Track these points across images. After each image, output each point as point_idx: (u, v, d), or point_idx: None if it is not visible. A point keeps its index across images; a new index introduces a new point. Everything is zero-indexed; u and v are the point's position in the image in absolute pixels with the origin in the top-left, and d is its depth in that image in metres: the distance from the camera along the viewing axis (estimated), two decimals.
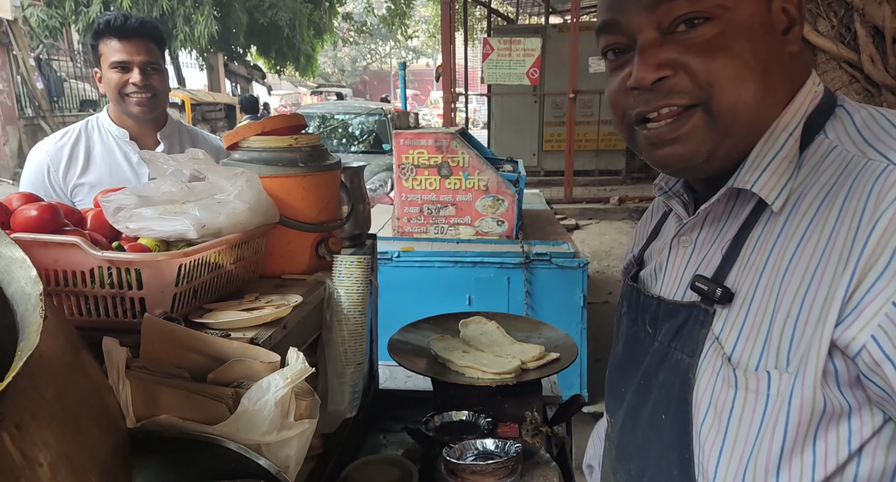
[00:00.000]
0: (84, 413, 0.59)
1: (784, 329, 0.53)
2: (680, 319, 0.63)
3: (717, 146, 0.58)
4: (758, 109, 0.57)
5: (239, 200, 0.92)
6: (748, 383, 0.55)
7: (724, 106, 0.56)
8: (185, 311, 0.83)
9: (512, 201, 2.70)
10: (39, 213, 0.77)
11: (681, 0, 0.56)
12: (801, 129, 0.58)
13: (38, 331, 0.51)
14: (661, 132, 0.59)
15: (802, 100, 0.59)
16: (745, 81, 0.55)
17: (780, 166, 0.57)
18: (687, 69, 0.56)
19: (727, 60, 0.55)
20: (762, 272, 0.56)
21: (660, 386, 0.64)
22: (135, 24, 1.58)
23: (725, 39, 0.55)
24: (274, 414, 0.70)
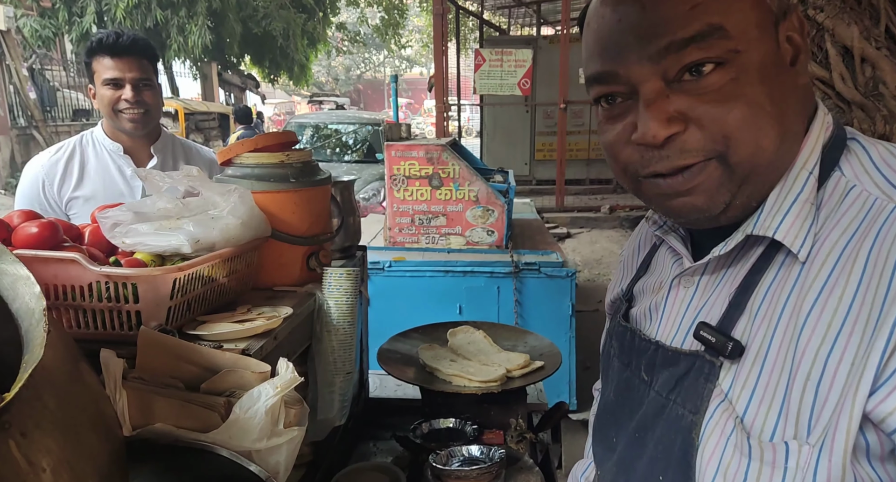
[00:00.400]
0: (83, 421, 0.63)
1: (804, 393, 0.48)
2: (681, 369, 0.58)
3: (735, 196, 0.54)
4: (776, 154, 0.53)
5: (232, 216, 0.96)
6: (763, 454, 0.50)
7: (742, 157, 0.52)
8: (180, 324, 0.87)
9: (501, 211, 2.75)
10: (40, 230, 0.80)
11: (690, 48, 0.50)
12: (820, 167, 0.54)
13: (42, 345, 0.54)
14: (674, 183, 0.54)
15: (818, 133, 0.55)
16: (763, 129, 0.51)
17: (803, 209, 0.52)
18: (699, 123, 0.52)
19: (743, 110, 0.50)
20: (776, 324, 0.51)
21: (657, 442, 0.58)
22: (127, 42, 1.62)
23: (739, 86, 0.50)
24: (264, 421, 0.73)
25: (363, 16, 15.65)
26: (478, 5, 9.61)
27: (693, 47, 0.51)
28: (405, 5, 15.43)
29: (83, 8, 10.74)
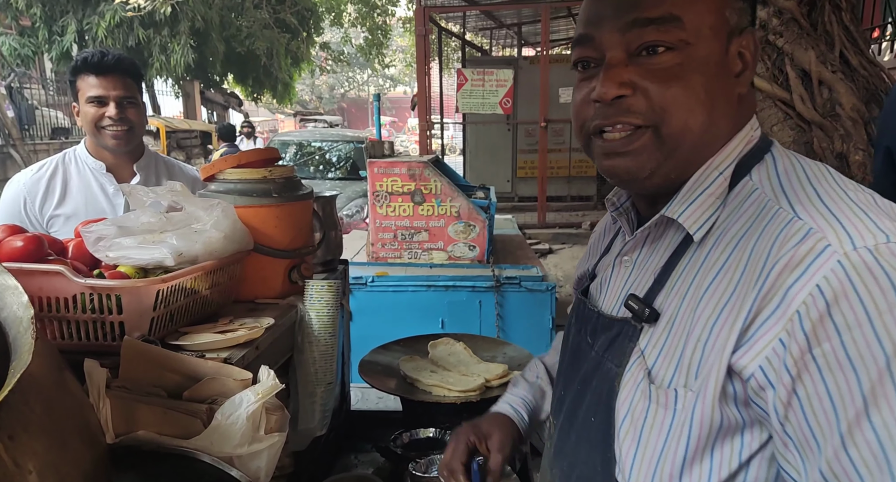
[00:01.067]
0: (68, 427, 0.64)
1: (694, 352, 0.59)
2: (613, 333, 0.70)
3: (660, 165, 0.64)
4: (700, 139, 0.62)
5: (215, 229, 0.99)
6: (659, 398, 0.61)
7: (671, 130, 0.62)
8: (162, 334, 0.89)
9: (483, 227, 2.79)
10: (25, 243, 0.82)
11: (650, 28, 0.61)
12: (733, 170, 0.63)
13: (30, 351, 0.56)
14: (614, 144, 0.64)
15: (738, 142, 0.64)
16: (693, 112, 0.61)
17: (706, 201, 0.63)
18: (645, 92, 0.61)
19: (680, 90, 0.60)
20: (684, 297, 0.62)
21: (592, 391, 0.70)
22: (111, 61, 1.64)
23: (682, 70, 0.60)
24: (246, 427, 0.75)
25: (347, 35, 15.83)
26: (460, 26, 9.80)
27: (653, 28, 0.61)
28: (388, 26, 15.66)
29: (63, 27, 10.72)
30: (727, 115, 0.63)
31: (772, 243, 0.55)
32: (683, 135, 0.62)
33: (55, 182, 1.72)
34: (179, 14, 10.72)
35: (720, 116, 0.63)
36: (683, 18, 0.60)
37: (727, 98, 0.63)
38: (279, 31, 13.12)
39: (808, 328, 0.51)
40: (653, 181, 0.65)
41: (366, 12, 14.78)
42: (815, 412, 0.51)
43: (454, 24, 9.98)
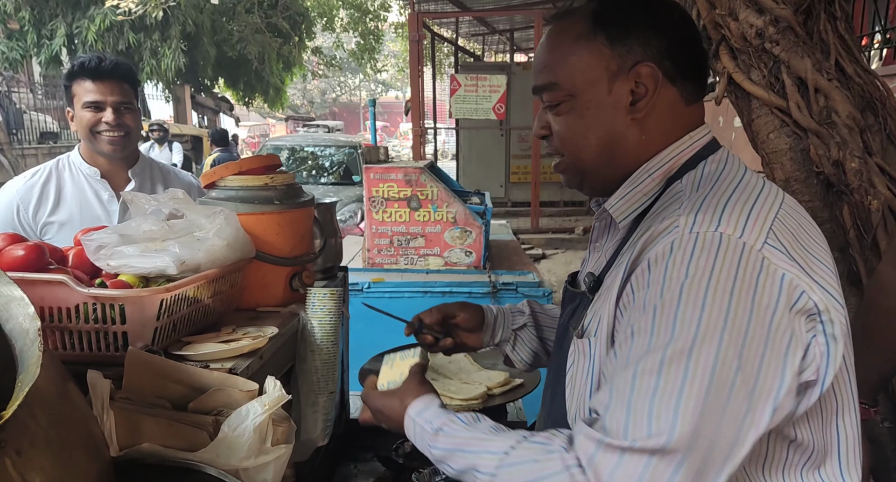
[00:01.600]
0: (73, 440, 0.63)
1: (601, 309, 0.75)
2: (576, 303, 0.86)
3: (582, 182, 0.83)
4: (598, 162, 0.79)
5: (217, 237, 0.98)
6: (581, 347, 0.78)
7: (570, 162, 0.81)
8: (165, 344, 0.88)
9: (479, 233, 2.79)
10: (26, 252, 0.81)
11: (543, 93, 0.81)
12: (664, 172, 0.77)
13: (38, 364, 0.55)
14: (557, 166, 0.84)
15: (670, 151, 0.77)
16: (581, 147, 0.79)
17: (633, 197, 0.78)
18: (555, 132, 0.81)
19: (569, 132, 0.79)
20: (615, 272, 0.76)
21: (559, 351, 0.87)
22: (109, 66, 1.63)
23: (571, 117, 0.78)
24: (252, 439, 0.74)
25: (339, 40, 15.82)
26: (452, 32, 9.83)
27: (543, 92, 0.81)
28: (381, 31, 15.68)
29: (53, 30, 10.63)
30: (639, 135, 0.77)
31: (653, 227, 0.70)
32: (579, 164, 0.80)
33: (49, 189, 1.70)
34: (171, 18, 10.67)
35: (620, 141, 0.77)
36: (559, 82, 0.78)
37: (625, 124, 0.77)
38: (271, 36, 13.09)
39: (634, 281, 0.68)
40: (588, 190, 0.85)
41: (358, 17, 14.78)
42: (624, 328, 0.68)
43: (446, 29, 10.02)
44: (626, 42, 0.75)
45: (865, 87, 1.47)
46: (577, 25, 0.77)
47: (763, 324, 0.61)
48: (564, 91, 0.77)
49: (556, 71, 0.78)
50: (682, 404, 0.58)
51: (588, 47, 0.76)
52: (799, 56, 1.48)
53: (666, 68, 0.75)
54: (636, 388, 0.61)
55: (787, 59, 1.49)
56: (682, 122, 0.78)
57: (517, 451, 0.67)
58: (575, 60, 0.76)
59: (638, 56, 0.75)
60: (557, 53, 0.78)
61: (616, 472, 0.59)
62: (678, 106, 0.77)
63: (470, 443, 0.72)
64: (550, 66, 0.79)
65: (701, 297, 0.61)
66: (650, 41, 0.75)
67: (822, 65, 1.48)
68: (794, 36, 1.48)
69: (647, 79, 0.74)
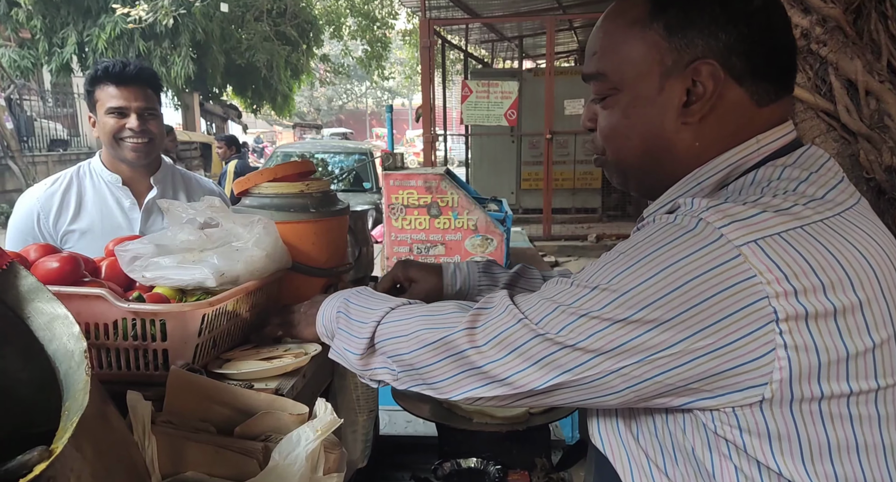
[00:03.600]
0: (118, 471, 0.58)
1: None
2: None
3: (626, 181, 0.75)
4: (641, 166, 0.71)
5: (257, 247, 0.93)
6: None
7: (611, 157, 0.73)
8: (205, 362, 0.82)
9: (500, 240, 2.73)
10: (61, 264, 0.76)
11: (591, 82, 0.73)
12: (720, 181, 0.67)
13: (87, 391, 0.50)
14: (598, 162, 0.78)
15: (729, 157, 0.67)
16: (622, 145, 0.71)
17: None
18: (598, 126, 0.74)
19: (611, 128, 0.71)
20: None
21: None
22: (133, 71, 1.59)
23: (615, 112, 0.70)
24: (304, 468, 0.69)
25: (346, 48, 15.86)
26: (461, 38, 9.83)
27: (592, 82, 0.73)
28: (388, 38, 15.71)
29: (63, 39, 10.68)
30: (691, 140, 0.68)
31: None
32: (619, 163, 0.73)
33: (69, 196, 1.66)
34: (181, 26, 10.71)
35: (667, 144, 0.68)
36: (607, 73, 0.70)
37: (675, 126, 0.67)
38: (279, 44, 13.13)
39: None
40: (632, 190, 0.77)
41: (366, 25, 14.82)
42: None
43: (455, 36, 10.02)
44: (687, 34, 0.65)
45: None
46: (635, 9, 0.67)
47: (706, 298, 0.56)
48: (611, 83, 0.69)
49: (605, 60, 0.70)
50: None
51: (642, 36, 0.66)
52: (848, 57, 1.42)
53: (733, 66, 0.64)
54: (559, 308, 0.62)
55: (835, 61, 1.43)
56: (751, 126, 0.67)
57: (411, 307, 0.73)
58: (626, 50, 0.68)
59: (698, 51, 0.65)
60: (609, 40, 0.69)
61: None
62: (746, 108, 0.66)
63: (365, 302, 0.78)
64: (600, 54, 0.70)
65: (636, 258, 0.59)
66: (716, 34, 0.64)
67: (874, 66, 1.42)
68: (843, 36, 1.43)
69: (707, 78, 0.64)
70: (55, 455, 0.44)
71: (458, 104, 6.40)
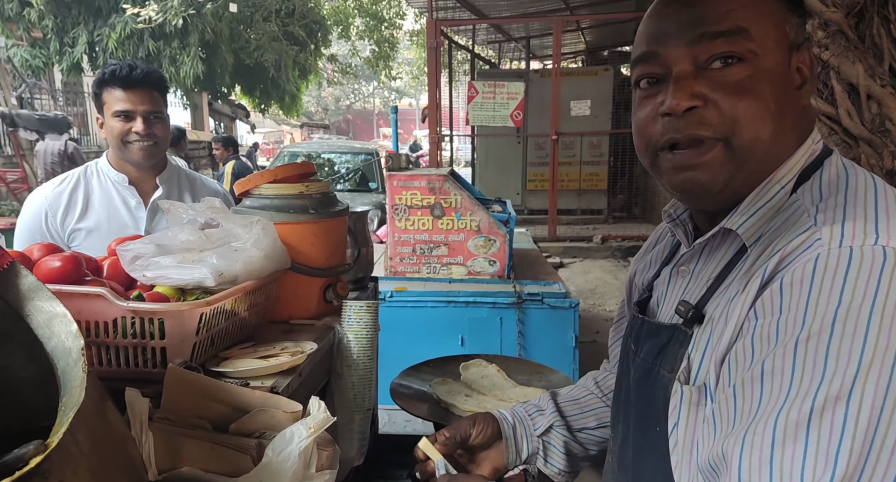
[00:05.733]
0: (114, 465, 0.59)
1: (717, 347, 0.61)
2: (663, 339, 0.69)
3: (733, 177, 0.63)
4: (770, 149, 0.62)
5: (255, 248, 0.94)
6: (692, 397, 0.62)
7: (743, 142, 0.61)
8: (203, 360, 0.84)
9: (503, 241, 2.74)
10: (63, 263, 0.77)
11: (720, 40, 0.61)
12: (793, 184, 0.63)
13: (83, 387, 0.51)
14: (685, 157, 0.64)
15: (801, 155, 0.64)
16: (765, 122, 0.61)
17: (766, 215, 0.63)
18: (716, 104, 0.61)
19: (752, 101, 0.60)
20: (724, 300, 0.64)
21: (648, 400, 0.69)
22: (140, 75, 1.61)
23: (752, 82, 0.61)
24: (297, 465, 0.70)
25: (354, 48, 15.91)
26: (468, 39, 9.84)
27: (721, 40, 0.61)
28: (396, 39, 15.74)
29: (74, 38, 10.78)
30: (794, 127, 0.64)
31: (784, 244, 0.57)
32: (754, 146, 0.62)
33: (77, 195, 1.68)
34: (190, 26, 10.78)
35: (787, 127, 0.63)
36: (750, 30, 0.61)
37: (794, 109, 0.63)
38: (287, 44, 13.19)
39: (759, 306, 0.56)
40: (725, 195, 0.65)
41: (373, 25, 14.86)
42: (736, 367, 0.56)
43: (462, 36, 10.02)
44: (801, 13, 0.65)
45: None
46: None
47: None
48: (754, 43, 0.60)
49: (747, 14, 0.61)
50: (839, 462, 0.48)
51: (779, 4, 0.63)
52: (850, 61, 1.42)
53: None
54: (780, 447, 0.50)
55: (836, 65, 1.43)
56: (809, 121, 0.66)
57: None
58: (774, 12, 0.62)
59: (803, 33, 0.65)
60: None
61: None
62: (809, 104, 0.66)
63: None
64: (747, 6, 0.61)
65: (863, 327, 0.49)
66: (806, 21, 0.66)
67: (875, 70, 1.41)
68: (845, 40, 1.43)
69: (809, 61, 0.65)
70: (51, 448, 0.46)
71: (465, 104, 6.41)
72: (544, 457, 0.91)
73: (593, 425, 0.94)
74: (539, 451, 0.91)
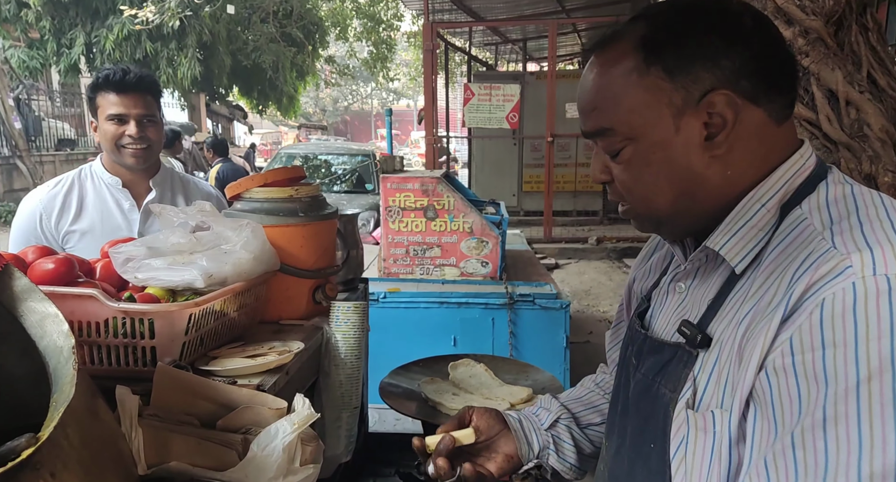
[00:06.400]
0: (104, 460, 0.62)
1: (729, 374, 0.61)
2: (665, 357, 0.70)
3: (659, 228, 0.70)
4: (676, 209, 0.67)
5: (244, 250, 0.97)
6: (698, 422, 0.63)
7: (639, 211, 0.69)
8: (192, 359, 0.86)
9: (496, 243, 2.77)
10: (56, 266, 0.80)
11: (599, 141, 0.70)
12: (779, 200, 0.64)
13: (73, 383, 0.54)
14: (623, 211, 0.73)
15: (781, 175, 0.64)
16: (651, 193, 0.67)
17: (749, 233, 0.64)
18: (617, 179, 0.69)
19: (637, 179, 0.67)
20: (730, 324, 0.63)
21: (646, 417, 0.70)
22: (133, 79, 1.64)
23: (634, 162, 0.66)
24: (282, 459, 0.73)
25: (352, 50, 15.94)
26: (465, 41, 9.88)
27: (597, 138, 0.69)
28: (393, 40, 15.78)
29: (72, 40, 10.79)
30: (732, 171, 0.65)
31: (805, 270, 0.57)
32: (651, 212, 0.69)
33: (71, 198, 1.71)
34: (187, 27, 10.80)
35: (698, 180, 0.65)
36: (614, 127, 0.66)
37: (704, 164, 0.65)
38: (285, 45, 13.21)
39: (796, 338, 0.54)
40: (666, 235, 0.73)
41: (371, 27, 14.89)
42: (782, 409, 0.55)
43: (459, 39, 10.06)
44: (689, 69, 0.62)
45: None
46: (626, 58, 0.64)
47: None
48: (621, 136, 0.66)
49: (608, 114, 0.66)
50: None
51: (643, 84, 0.63)
52: (829, 68, 1.45)
53: (744, 89, 0.62)
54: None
55: (816, 71, 1.46)
56: (777, 145, 0.65)
57: None
58: (629, 101, 0.64)
59: (706, 83, 0.62)
60: (606, 93, 0.66)
61: None
62: (768, 128, 0.64)
63: None
64: (600, 109, 0.67)
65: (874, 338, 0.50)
66: (719, 62, 0.61)
67: (854, 77, 1.45)
68: (825, 47, 1.46)
69: (724, 107, 0.62)
70: (41, 441, 0.48)
71: (462, 106, 6.44)
72: (556, 451, 0.91)
73: (598, 421, 0.95)
74: (549, 445, 0.91)
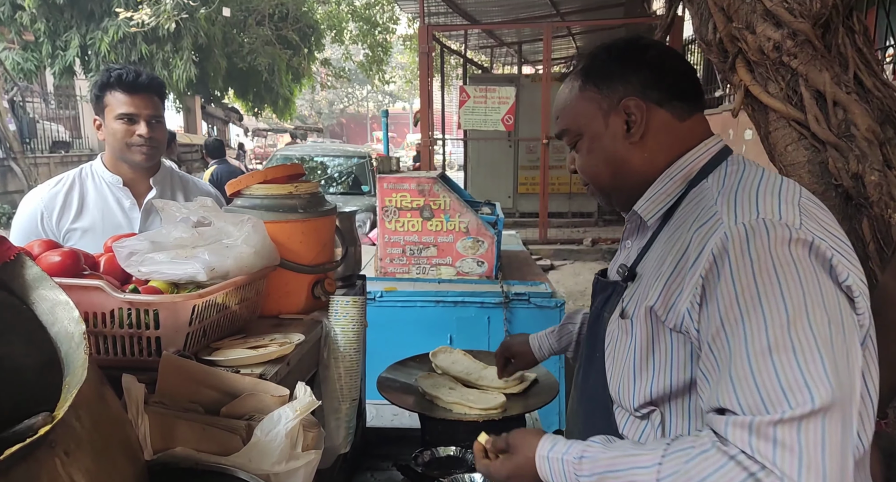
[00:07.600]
0: (112, 443, 0.64)
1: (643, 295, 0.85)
2: (608, 292, 0.97)
3: (609, 200, 0.98)
4: (614, 183, 0.94)
5: (246, 244, 0.99)
6: (623, 326, 0.87)
7: (595, 187, 0.97)
8: (196, 350, 0.89)
9: (491, 243, 2.80)
10: (62, 258, 0.82)
11: (564, 138, 0.99)
12: (685, 175, 0.89)
13: (85, 367, 0.56)
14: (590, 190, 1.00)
15: (688, 157, 0.90)
16: (598, 174, 0.94)
17: (658, 197, 0.90)
18: (577, 167, 0.97)
19: (587, 163, 0.95)
20: (651, 262, 0.88)
21: (595, 335, 0.97)
22: (146, 81, 1.66)
23: (586, 151, 0.94)
24: (284, 444, 0.75)
25: (348, 52, 15.96)
26: (461, 44, 9.92)
27: (562, 137, 0.99)
28: (389, 43, 15.81)
29: (67, 42, 10.77)
30: (658, 149, 0.90)
31: (698, 224, 0.80)
32: (602, 188, 0.96)
33: (72, 197, 1.72)
34: (183, 30, 10.80)
35: (630, 163, 0.91)
36: (569, 127, 0.96)
37: (627, 149, 0.91)
38: (281, 48, 13.21)
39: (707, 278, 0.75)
40: (616, 206, 0.98)
41: (367, 30, 14.91)
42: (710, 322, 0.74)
43: (455, 41, 10.10)
44: (611, 85, 0.91)
45: (885, 100, 1.47)
46: (574, 82, 0.95)
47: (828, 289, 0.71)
48: (574, 133, 0.95)
49: (565, 119, 0.96)
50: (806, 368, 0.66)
51: (583, 96, 0.93)
52: (817, 69, 1.48)
53: (651, 96, 0.89)
54: (757, 370, 0.68)
55: (804, 73, 1.49)
56: (682, 135, 0.91)
57: (669, 460, 0.71)
58: (577, 108, 0.94)
59: (621, 93, 0.90)
60: (564, 105, 0.97)
61: (779, 447, 0.64)
62: (672, 124, 0.91)
63: (616, 462, 0.75)
64: (562, 116, 0.97)
65: (775, 280, 0.70)
66: (629, 79, 0.90)
67: (841, 78, 1.48)
68: (813, 49, 1.49)
69: (635, 109, 0.89)
70: (57, 420, 0.51)
71: (458, 109, 6.48)
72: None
73: None
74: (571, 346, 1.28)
